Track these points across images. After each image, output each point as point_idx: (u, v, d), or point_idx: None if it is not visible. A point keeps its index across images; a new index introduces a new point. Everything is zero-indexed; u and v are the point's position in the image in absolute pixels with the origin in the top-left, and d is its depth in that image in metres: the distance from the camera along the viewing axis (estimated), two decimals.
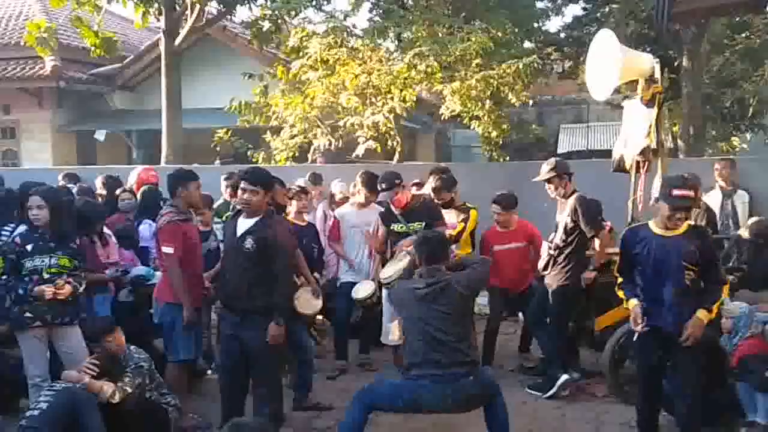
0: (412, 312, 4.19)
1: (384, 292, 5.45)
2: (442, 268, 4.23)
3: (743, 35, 11.61)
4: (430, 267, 4.23)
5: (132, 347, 4.65)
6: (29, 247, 4.59)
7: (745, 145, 13.77)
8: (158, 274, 5.25)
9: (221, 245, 5.32)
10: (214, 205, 6.42)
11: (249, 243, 4.43)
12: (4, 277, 4.60)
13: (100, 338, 4.52)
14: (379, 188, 5.54)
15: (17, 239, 4.66)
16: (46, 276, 4.56)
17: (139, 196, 6.49)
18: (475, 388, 4.08)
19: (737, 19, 11.39)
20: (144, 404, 4.44)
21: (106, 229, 5.61)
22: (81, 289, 4.73)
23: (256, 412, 4.55)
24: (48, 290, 4.47)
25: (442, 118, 9.47)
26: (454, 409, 4.14)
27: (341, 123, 9.42)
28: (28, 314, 4.53)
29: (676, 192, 4.00)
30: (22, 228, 4.94)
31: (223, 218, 5.79)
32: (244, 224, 4.53)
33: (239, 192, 4.52)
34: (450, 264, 4.42)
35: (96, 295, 5.24)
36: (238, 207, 4.66)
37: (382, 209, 5.88)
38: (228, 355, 4.61)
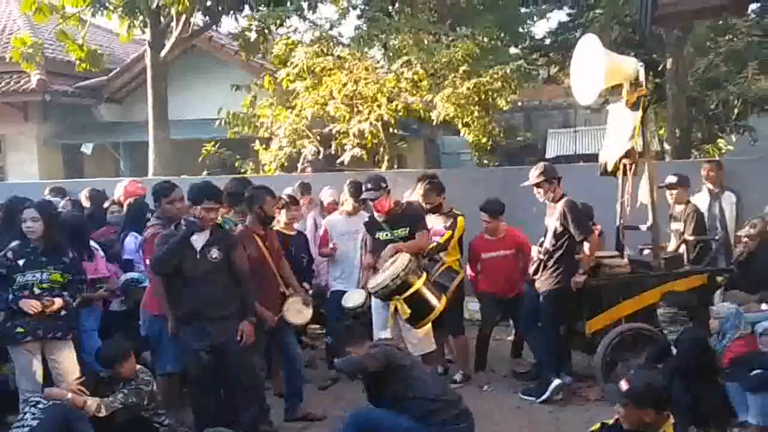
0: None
1: (373, 300, 5.42)
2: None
3: (726, 38, 11.70)
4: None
5: (139, 367, 4.62)
6: (21, 262, 4.56)
7: (731, 147, 13.87)
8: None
9: None
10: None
11: (215, 253, 4.59)
12: None
13: (114, 364, 4.47)
14: (363, 189, 5.51)
15: (9, 254, 4.62)
16: (37, 291, 4.53)
17: (125, 208, 6.45)
18: None
19: (720, 22, 11.49)
20: (135, 421, 4.40)
21: (93, 243, 5.57)
22: (74, 304, 4.70)
23: (238, 419, 4.52)
24: (33, 305, 4.41)
25: (434, 123, 9.49)
26: None
27: (328, 131, 9.42)
28: (19, 329, 4.49)
29: None
30: (13, 243, 4.92)
31: None
32: (199, 238, 4.61)
33: (203, 212, 4.58)
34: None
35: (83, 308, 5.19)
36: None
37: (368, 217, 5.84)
38: (198, 368, 4.59)
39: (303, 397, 5.27)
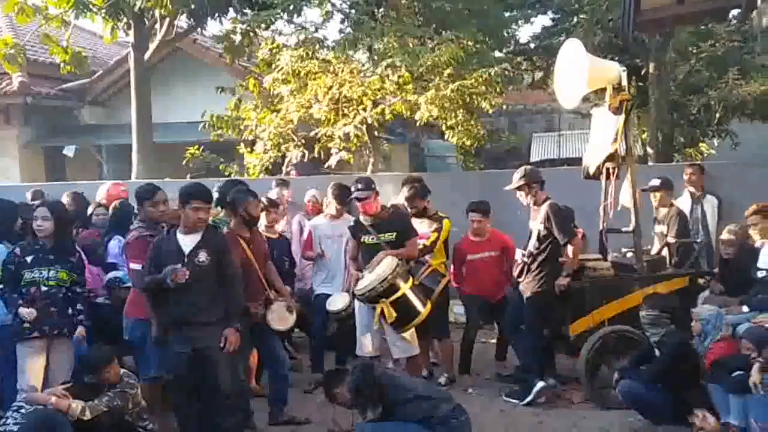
0: None
1: (357, 304, 5.41)
2: None
3: (708, 43, 11.83)
4: None
5: (123, 371, 4.59)
6: (29, 259, 4.68)
7: (713, 151, 14.01)
8: None
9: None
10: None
11: (203, 256, 4.45)
12: (1, 286, 4.68)
13: (97, 370, 4.43)
14: (354, 188, 5.48)
15: (17, 250, 4.74)
16: (44, 288, 4.64)
17: (111, 211, 6.40)
18: None
19: (701, 27, 11.62)
20: (119, 425, 4.36)
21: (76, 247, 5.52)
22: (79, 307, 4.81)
23: (220, 426, 4.48)
24: (29, 313, 4.53)
25: (417, 124, 9.50)
26: None
27: (313, 134, 9.41)
28: (25, 325, 4.60)
29: None
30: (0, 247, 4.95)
31: None
32: (188, 240, 4.51)
33: (191, 212, 4.48)
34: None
35: None
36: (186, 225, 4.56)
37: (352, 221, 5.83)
38: (181, 372, 4.52)
39: (288, 401, 5.25)
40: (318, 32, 10.07)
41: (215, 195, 5.47)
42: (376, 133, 9.74)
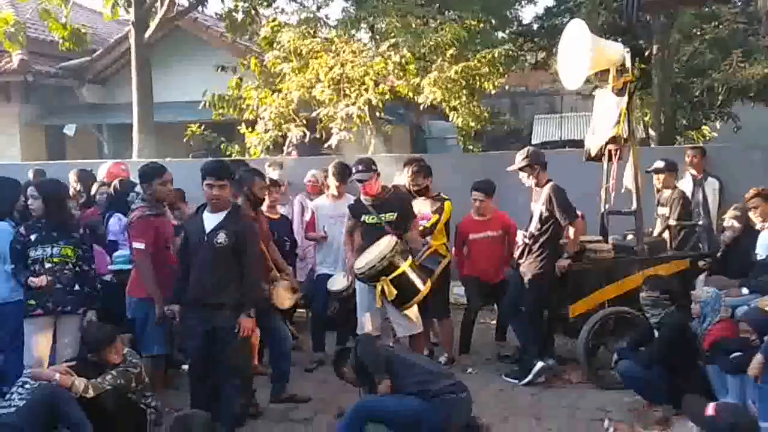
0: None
1: (358, 284, 5.44)
2: None
3: (712, 25, 11.75)
4: None
5: (127, 351, 4.62)
6: (33, 237, 4.75)
7: (715, 134, 13.98)
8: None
9: None
10: None
11: (221, 237, 4.44)
12: (12, 266, 4.75)
13: (100, 348, 4.45)
14: (354, 169, 5.47)
15: (22, 229, 4.80)
16: (47, 265, 4.70)
17: (112, 189, 6.41)
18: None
19: (706, 9, 11.54)
20: (122, 403, 4.40)
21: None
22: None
23: (226, 405, 4.53)
24: (38, 280, 4.61)
25: (421, 107, 9.46)
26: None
27: (315, 115, 9.38)
28: (31, 301, 4.68)
29: None
30: (2, 224, 4.97)
31: None
32: (212, 219, 4.52)
33: (206, 188, 4.49)
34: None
35: None
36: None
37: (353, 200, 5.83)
38: (198, 350, 4.58)
39: (289, 379, 5.29)
40: (320, 11, 10.03)
41: None
42: (377, 113, 9.71)
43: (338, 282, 5.74)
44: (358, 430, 4.17)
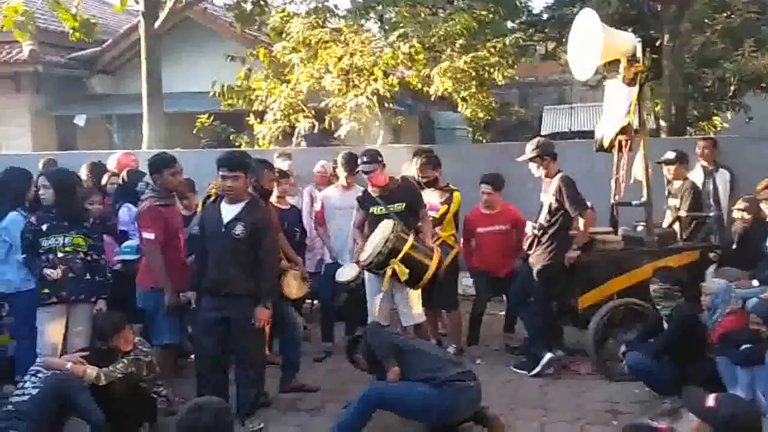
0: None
1: (367, 274, 5.44)
2: None
3: (724, 14, 11.63)
4: None
5: (138, 340, 4.66)
6: (45, 227, 4.77)
7: (726, 125, 13.85)
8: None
9: None
10: None
11: (239, 229, 4.46)
12: (24, 255, 4.79)
13: (108, 336, 4.49)
14: (360, 162, 5.46)
15: (33, 219, 4.82)
16: (60, 255, 4.72)
17: (122, 179, 6.44)
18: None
19: None
20: (133, 391, 4.44)
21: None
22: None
23: (240, 395, 4.57)
24: (53, 273, 4.66)
25: (432, 98, 9.43)
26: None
27: (324, 105, 9.38)
28: (44, 290, 4.70)
29: None
30: (13, 214, 4.99)
31: None
32: (229, 210, 4.53)
33: (220, 179, 4.51)
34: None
35: None
36: (221, 193, 4.64)
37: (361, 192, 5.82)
38: (209, 339, 4.60)
39: (299, 367, 5.32)
40: (329, 1, 10.00)
41: None
42: (386, 104, 9.70)
43: (346, 273, 5.75)
44: (366, 415, 4.19)
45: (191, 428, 2.53)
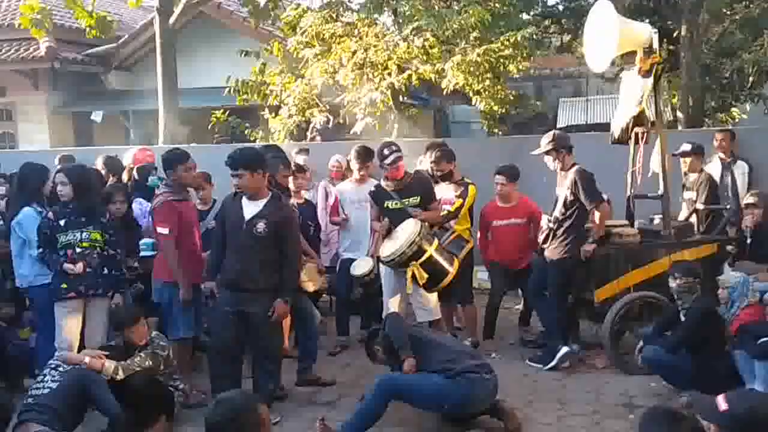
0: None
1: (383, 268, 5.45)
2: None
3: (742, 4, 11.46)
4: None
5: (155, 334, 4.71)
6: (62, 222, 4.82)
7: (744, 116, 13.68)
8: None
9: None
10: None
11: (261, 227, 4.49)
12: (40, 250, 4.82)
13: (123, 329, 4.54)
14: (385, 152, 5.41)
15: (50, 214, 4.87)
16: (78, 250, 4.77)
17: (135, 174, 6.49)
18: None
19: None
20: (151, 385, 4.47)
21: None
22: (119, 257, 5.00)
23: (258, 388, 4.60)
24: (74, 267, 4.70)
25: (444, 92, 9.40)
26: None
27: (339, 100, 9.37)
28: (63, 285, 4.75)
29: None
30: (27, 210, 5.03)
31: None
32: (251, 207, 4.57)
33: (232, 179, 4.56)
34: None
35: None
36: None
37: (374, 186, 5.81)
38: (226, 332, 4.63)
39: (316, 360, 5.35)
40: None
41: None
42: (400, 98, 9.67)
43: (361, 266, 5.76)
44: (381, 404, 4.20)
45: (217, 423, 2.56)
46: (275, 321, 4.60)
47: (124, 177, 6.64)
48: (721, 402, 2.76)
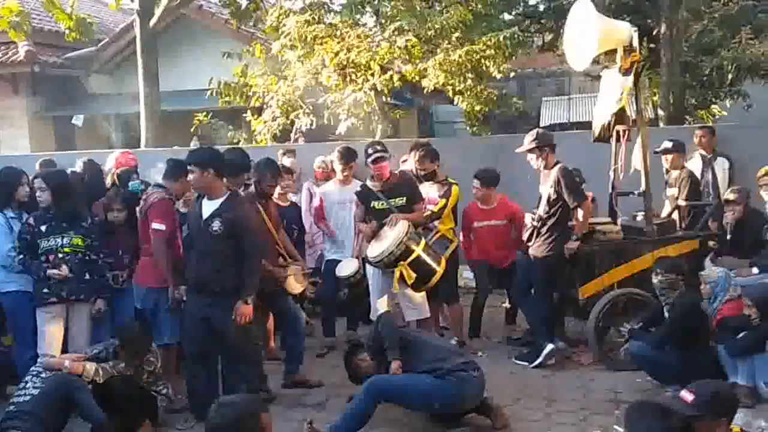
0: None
1: (369, 269, 5.45)
2: None
3: (721, 2, 11.60)
4: None
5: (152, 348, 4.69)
6: (43, 228, 4.77)
7: (724, 113, 13.83)
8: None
9: None
10: None
11: (216, 225, 4.46)
12: (21, 256, 4.76)
13: (136, 354, 4.48)
14: (371, 151, 5.42)
15: (30, 220, 4.81)
16: (60, 255, 4.73)
17: (116, 179, 6.41)
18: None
19: None
20: (133, 390, 4.45)
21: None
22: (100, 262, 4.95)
23: (230, 390, 4.56)
24: (58, 272, 4.67)
25: (425, 91, 9.41)
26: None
27: (322, 101, 9.35)
28: (45, 291, 4.71)
29: None
30: (9, 213, 4.97)
31: None
32: (208, 206, 4.55)
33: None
34: None
35: None
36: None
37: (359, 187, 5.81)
38: (196, 337, 4.61)
39: (303, 361, 5.33)
40: None
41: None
42: (384, 98, 9.67)
43: (346, 268, 5.76)
44: (371, 405, 4.20)
45: (218, 426, 2.55)
46: (239, 322, 4.51)
47: (107, 181, 6.58)
48: (686, 395, 2.83)
